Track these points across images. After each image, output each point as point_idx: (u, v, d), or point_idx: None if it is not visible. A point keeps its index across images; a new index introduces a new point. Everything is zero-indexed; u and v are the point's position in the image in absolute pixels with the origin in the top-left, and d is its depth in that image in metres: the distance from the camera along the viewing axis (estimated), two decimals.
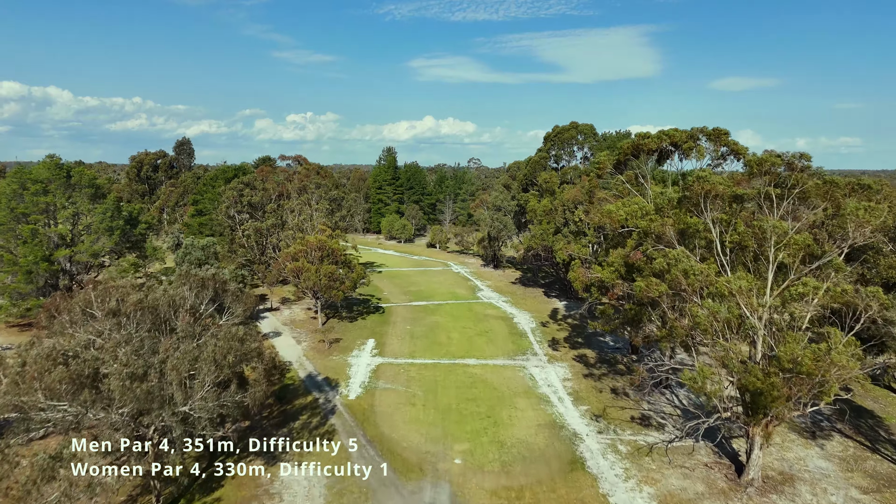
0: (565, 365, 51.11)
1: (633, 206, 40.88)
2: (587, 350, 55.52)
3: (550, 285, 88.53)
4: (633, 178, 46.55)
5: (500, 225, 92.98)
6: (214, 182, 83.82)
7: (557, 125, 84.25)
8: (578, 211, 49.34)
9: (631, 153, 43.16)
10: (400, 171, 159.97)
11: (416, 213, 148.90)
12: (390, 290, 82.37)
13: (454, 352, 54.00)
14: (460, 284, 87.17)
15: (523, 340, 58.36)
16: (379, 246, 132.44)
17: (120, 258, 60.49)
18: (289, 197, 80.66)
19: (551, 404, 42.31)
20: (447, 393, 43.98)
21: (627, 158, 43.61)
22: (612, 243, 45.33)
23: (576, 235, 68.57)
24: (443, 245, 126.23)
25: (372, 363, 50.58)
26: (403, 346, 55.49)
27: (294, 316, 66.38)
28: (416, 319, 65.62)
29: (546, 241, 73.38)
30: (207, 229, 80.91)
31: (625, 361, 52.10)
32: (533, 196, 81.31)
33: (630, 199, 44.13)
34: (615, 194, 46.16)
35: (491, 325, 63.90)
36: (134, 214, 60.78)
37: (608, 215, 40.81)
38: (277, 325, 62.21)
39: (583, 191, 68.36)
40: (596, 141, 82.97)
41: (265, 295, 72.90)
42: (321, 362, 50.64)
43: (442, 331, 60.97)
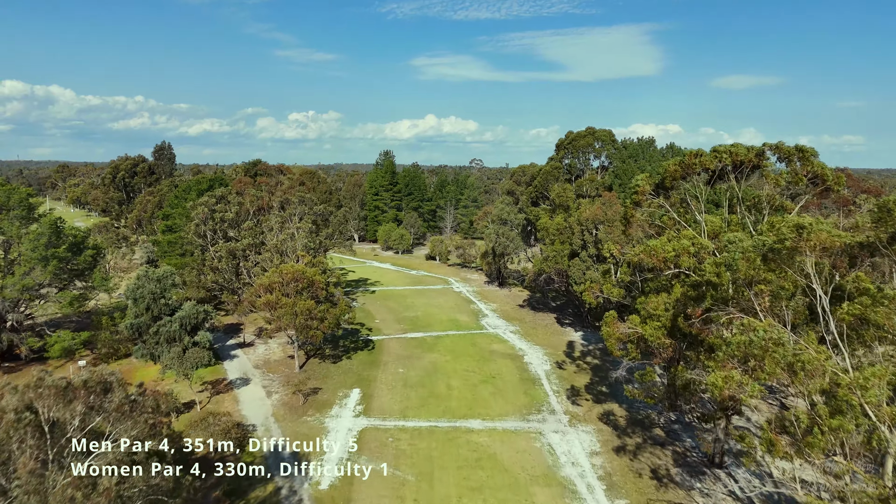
0: (590, 429, 41.88)
1: (683, 243, 31.73)
2: (614, 404, 46.34)
3: (563, 309, 79.31)
4: (676, 202, 37.33)
5: (505, 240, 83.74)
6: (187, 194, 74.80)
7: (571, 131, 75.03)
8: (609, 244, 40.14)
9: (680, 175, 33.91)
10: (398, 176, 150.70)
11: (415, 222, 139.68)
12: (383, 316, 73.21)
13: (455, 408, 44.84)
14: (462, 308, 77.98)
15: (537, 390, 49.17)
16: (374, 258, 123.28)
17: (63, 290, 51.42)
18: (270, 210, 71.57)
19: (579, 498, 33.09)
20: (446, 478, 34.80)
21: (674, 182, 34.34)
22: (654, 286, 36.09)
23: (596, 260, 59.34)
24: (443, 258, 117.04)
25: (354, 427, 41.41)
26: (394, 400, 46.35)
27: (269, 354, 57.22)
28: (411, 358, 56.46)
29: (560, 265, 64.18)
30: (178, 248, 71.87)
31: (662, 422, 42.91)
32: (544, 211, 72.08)
33: (676, 231, 34.93)
34: (655, 223, 36.91)
35: (498, 366, 54.70)
36: (78, 239, 51.68)
37: (652, 253, 31.62)
38: (247, 368, 53.05)
39: (605, 208, 59.21)
40: (615, 148, 73.71)
41: (240, 325, 63.75)
42: (292, 425, 41.50)
43: (441, 375, 51.80)
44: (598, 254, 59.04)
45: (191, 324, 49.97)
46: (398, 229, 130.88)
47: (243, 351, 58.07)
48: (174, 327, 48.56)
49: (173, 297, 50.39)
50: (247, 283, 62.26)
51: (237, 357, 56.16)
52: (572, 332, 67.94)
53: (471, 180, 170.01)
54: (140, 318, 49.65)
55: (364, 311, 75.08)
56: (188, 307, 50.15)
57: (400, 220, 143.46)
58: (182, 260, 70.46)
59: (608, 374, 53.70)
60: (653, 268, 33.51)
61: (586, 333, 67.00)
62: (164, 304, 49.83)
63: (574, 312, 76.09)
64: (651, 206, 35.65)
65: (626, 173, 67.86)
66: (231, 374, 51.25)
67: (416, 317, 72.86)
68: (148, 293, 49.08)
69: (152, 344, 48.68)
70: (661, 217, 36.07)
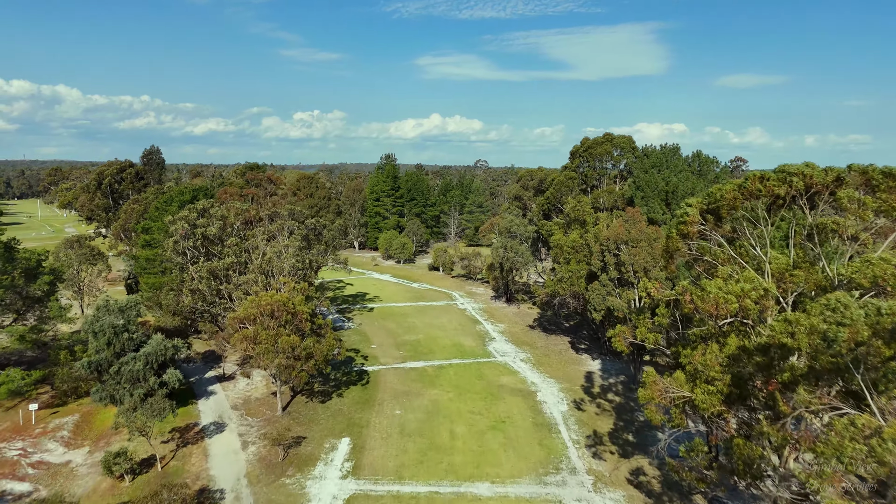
0: (619, 496, 35.40)
1: (744, 286, 25.30)
2: (643, 460, 39.86)
3: (576, 330, 72.87)
4: (727, 232, 30.82)
5: (514, 255, 77.27)
6: (168, 206, 68.69)
7: (587, 137, 68.49)
8: (647, 283, 33.56)
9: (738, 204, 27.38)
10: (400, 181, 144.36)
11: (418, 229, 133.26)
12: (381, 339, 66.90)
13: (459, 466, 38.43)
14: (467, 329, 71.60)
15: (554, 439, 42.73)
16: (374, 268, 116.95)
17: (15, 322, 45.33)
18: (259, 222, 65.40)
19: None
20: None
21: (731, 211, 27.80)
22: (700, 333, 29.56)
23: (618, 285, 52.86)
24: (447, 268, 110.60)
25: (341, 493, 35.08)
26: (389, 454, 40.00)
27: (251, 390, 50.97)
28: (410, 396, 50.13)
29: (576, 287, 57.72)
30: (157, 266, 65.70)
31: (708, 479, 36.31)
32: (557, 225, 65.62)
33: (733, 269, 28.45)
34: (705, 259, 30.34)
35: (508, 406, 48.30)
36: (32, 263, 45.56)
37: (707, 299, 25.16)
38: (224, 410, 46.81)
39: (628, 225, 52.75)
40: (636, 157, 67.14)
41: (220, 355, 57.48)
42: (267, 491, 35.20)
43: (443, 420, 45.45)
44: (621, 277, 52.56)
45: (158, 361, 43.80)
46: (400, 237, 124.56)
47: (222, 386, 51.84)
48: (137, 366, 42.37)
49: (139, 331, 44.19)
50: (228, 308, 56.05)
51: (214, 394, 49.92)
52: (589, 360, 61.46)
53: (476, 184, 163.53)
54: (101, 355, 43.47)
55: (360, 334, 68.83)
56: (155, 342, 43.97)
57: (402, 227, 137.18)
58: (161, 279, 64.35)
59: (634, 416, 47.30)
60: (707, 314, 27.04)
61: (605, 362, 60.54)
62: (127, 339, 43.63)
63: (590, 335, 69.66)
64: (698, 237, 29.11)
65: (648, 185, 61.31)
66: (204, 418, 45.00)
67: (416, 341, 66.52)
68: (108, 326, 42.88)
69: (112, 385, 42.49)
70: (713, 251, 29.55)
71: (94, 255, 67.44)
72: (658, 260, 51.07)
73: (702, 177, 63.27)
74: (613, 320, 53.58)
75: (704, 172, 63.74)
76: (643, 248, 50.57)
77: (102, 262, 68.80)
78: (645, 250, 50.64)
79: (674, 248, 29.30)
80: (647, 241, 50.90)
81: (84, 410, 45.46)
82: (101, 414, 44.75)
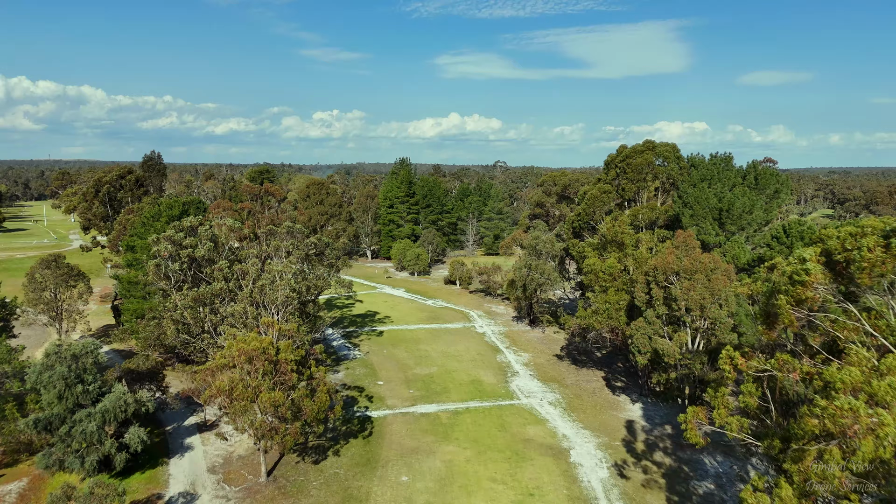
0: None
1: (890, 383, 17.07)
2: None
3: (610, 362, 64.50)
4: (844, 292, 22.51)
5: (538, 275, 69.14)
6: (155, 221, 61.92)
7: (624, 145, 60.00)
8: (730, 351, 25.23)
9: (881, 261, 19.10)
10: (415, 186, 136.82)
11: (434, 238, 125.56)
12: (389, 373, 59.34)
13: None
14: (487, 360, 63.70)
15: None
16: (387, 281, 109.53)
17: None
18: (256, 240, 58.31)
19: None
20: None
21: (872, 271, 19.49)
22: (813, 428, 21.29)
23: (667, 322, 44.54)
24: (464, 282, 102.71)
25: None
26: None
27: (234, 446, 43.63)
28: (420, 454, 42.41)
29: (615, 322, 49.54)
30: (140, 290, 58.86)
31: None
32: (590, 247, 57.35)
33: (868, 351, 20.17)
34: (824, 328, 22.07)
35: (537, 471, 40.31)
36: None
37: (847, 413, 16.99)
38: (198, 473, 39.48)
39: (679, 252, 44.49)
40: (680, 167, 58.59)
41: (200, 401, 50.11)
42: None
43: (458, 492, 37.61)
44: (670, 314, 44.26)
45: (118, 419, 36.66)
46: (414, 248, 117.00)
47: (202, 438, 44.63)
48: (91, 427, 35.23)
49: (96, 381, 37.07)
50: (211, 344, 48.90)
51: (191, 449, 42.69)
52: (628, 402, 53.14)
53: (495, 189, 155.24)
54: (51, 410, 36.47)
55: (366, 366, 61.34)
56: (115, 396, 36.80)
57: (417, 235, 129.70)
58: (143, 305, 57.53)
59: (689, 486, 39.05)
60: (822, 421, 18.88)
61: (646, 406, 52.19)
62: (82, 392, 36.56)
63: (626, 369, 61.33)
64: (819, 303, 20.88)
65: (698, 202, 52.76)
66: (173, 486, 37.70)
67: (429, 375, 58.81)
68: (59, 377, 35.82)
69: (62, 448, 35.40)
70: (835, 321, 21.30)
71: (73, 275, 60.81)
72: (717, 295, 42.76)
73: (760, 192, 54.57)
74: (661, 365, 45.38)
75: (763, 186, 55.01)
76: (699, 282, 42.23)
77: (84, 283, 62.15)
78: (701, 283, 42.29)
79: (784, 315, 21.01)
80: (704, 273, 42.55)
81: (35, 473, 38.49)
82: (54, 480, 37.68)
